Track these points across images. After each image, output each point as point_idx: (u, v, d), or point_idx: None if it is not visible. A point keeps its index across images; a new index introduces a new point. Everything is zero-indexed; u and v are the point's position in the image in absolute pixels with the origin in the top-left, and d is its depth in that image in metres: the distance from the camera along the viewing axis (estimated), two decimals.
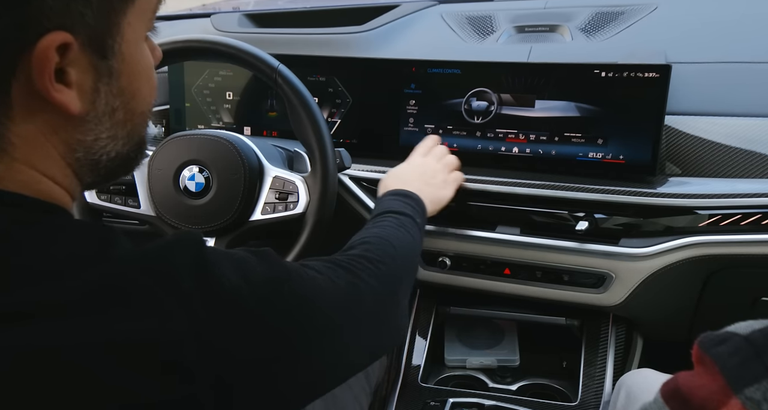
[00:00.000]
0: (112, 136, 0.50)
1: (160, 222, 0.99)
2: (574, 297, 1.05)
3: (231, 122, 1.25)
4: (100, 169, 0.51)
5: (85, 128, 0.48)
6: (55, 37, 0.43)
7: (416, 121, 1.11)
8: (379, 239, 0.77)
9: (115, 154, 0.51)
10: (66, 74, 0.45)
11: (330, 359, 0.58)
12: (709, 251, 0.95)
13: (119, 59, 0.48)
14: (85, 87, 0.47)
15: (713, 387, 0.39)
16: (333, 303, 0.60)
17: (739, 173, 0.96)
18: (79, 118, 0.47)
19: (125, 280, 0.43)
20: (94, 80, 0.47)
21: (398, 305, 0.74)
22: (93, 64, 0.46)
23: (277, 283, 0.53)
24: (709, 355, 0.40)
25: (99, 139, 0.49)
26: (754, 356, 0.38)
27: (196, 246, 0.48)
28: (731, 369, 0.39)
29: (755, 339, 0.39)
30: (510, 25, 1.26)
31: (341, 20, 1.35)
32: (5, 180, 0.45)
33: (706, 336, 0.42)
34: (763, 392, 0.37)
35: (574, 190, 1.00)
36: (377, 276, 0.69)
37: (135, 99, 0.51)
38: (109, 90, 0.48)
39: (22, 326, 0.39)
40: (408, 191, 0.92)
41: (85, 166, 0.50)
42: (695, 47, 1.12)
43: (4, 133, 0.44)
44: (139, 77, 0.51)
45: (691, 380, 0.41)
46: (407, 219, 0.86)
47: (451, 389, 1.11)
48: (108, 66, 0.47)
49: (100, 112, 0.48)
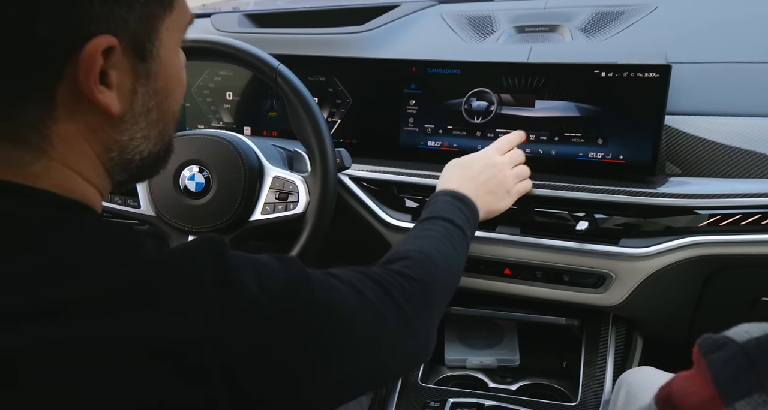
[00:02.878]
0: (146, 135, 0.52)
1: (160, 222, 0.99)
2: (574, 297, 1.05)
3: (231, 122, 1.25)
4: (132, 168, 0.53)
5: (121, 128, 0.50)
6: (102, 41, 0.44)
7: (416, 121, 1.11)
8: (421, 255, 0.74)
9: (147, 154, 0.53)
10: (108, 76, 0.47)
11: (348, 372, 0.57)
12: (709, 251, 0.95)
13: (156, 62, 0.50)
14: (125, 88, 0.48)
15: (704, 396, 0.39)
16: (353, 313, 0.58)
17: (739, 173, 0.96)
18: (117, 118, 0.49)
19: (149, 281, 0.44)
20: (133, 82, 0.49)
21: (428, 326, 0.70)
22: (133, 67, 0.48)
23: (297, 290, 0.53)
24: (705, 361, 0.40)
25: (134, 139, 0.51)
26: (748, 367, 0.38)
27: (218, 251, 0.49)
28: (724, 380, 0.38)
29: (750, 348, 0.39)
30: (510, 25, 1.26)
31: (341, 20, 1.35)
32: (41, 178, 0.46)
33: (705, 339, 0.42)
34: (753, 406, 0.37)
35: (574, 190, 1.00)
36: (410, 295, 0.66)
37: (168, 99, 0.53)
38: (146, 91, 0.50)
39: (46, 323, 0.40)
40: (466, 196, 0.88)
41: (118, 165, 0.52)
42: (695, 47, 1.12)
43: (46, 133, 0.46)
44: (173, 78, 0.53)
45: (684, 385, 0.41)
46: (457, 231, 0.82)
47: (451, 389, 1.11)
48: (146, 68, 0.49)
49: (136, 112, 0.50)
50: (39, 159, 0.46)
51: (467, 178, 0.92)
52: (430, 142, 1.11)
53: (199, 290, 0.45)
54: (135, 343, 0.41)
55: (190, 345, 0.43)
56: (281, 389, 0.50)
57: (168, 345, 0.42)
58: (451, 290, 0.79)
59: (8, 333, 0.39)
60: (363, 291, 0.61)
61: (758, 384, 0.37)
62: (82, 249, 0.44)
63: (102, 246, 0.45)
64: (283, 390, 0.50)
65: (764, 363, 0.37)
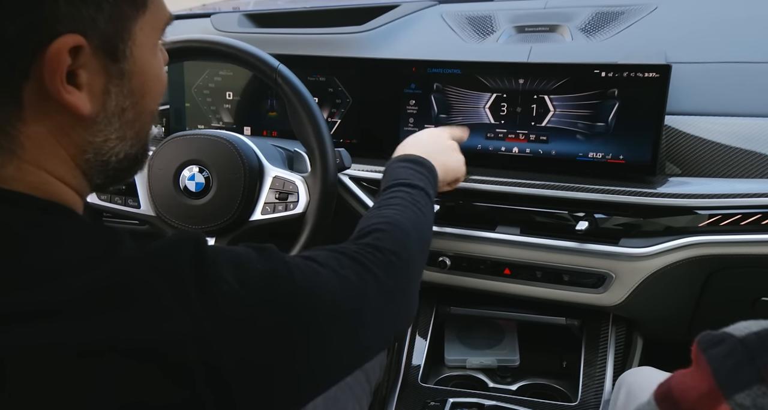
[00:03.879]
0: (121, 136, 0.51)
1: (160, 222, 0.99)
2: (574, 297, 1.05)
3: (231, 122, 1.25)
4: (109, 170, 0.52)
5: (95, 129, 0.49)
6: (68, 40, 0.44)
7: (416, 121, 1.11)
8: (391, 225, 0.74)
9: (123, 155, 0.52)
10: (77, 76, 0.46)
11: (334, 353, 0.57)
12: (709, 251, 0.95)
13: (130, 62, 0.50)
14: (96, 89, 0.48)
15: (704, 390, 0.39)
16: (336, 296, 0.58)
17: (739, 173, 0.96)
18: (89, 119, 0.48)
19: (130, 279, 0.44)
20: (105, 82, 0.48)
21: (408, 294, 0.72)
22: (104, 67, 0.48)
23: (276, 280, 0.53)
24: (705, 356, 0.40)
25: (108, 140, 0.50)
26: (748, 360, 0.38)
27: (196, 246, 0.48)
28: (724, 373, 0.38)
29: (750, 342, 0.39)
30: (510, 25, 1.26)
31: (341, 20, 1.35)
32: (15, 181, 0.46)
33: (704, 336, 0.42)
34: (753, 398, 0.37)
35: (574, 190, 1.00)
36: (387, 267, 0.67)
37: (144, 99, 0.52)
38: (120, 91, 0.50)
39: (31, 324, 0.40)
40: (420, 157, 0.88)
41: (94, 168, 0.51)
42: (695, 47, 1.12)
43: (15, 134, 0.45)
44: (151, 78, 0.52)
45: (684, 381, 0.41)
46: (419, 193, 0.82)
47: (451, 389, 1.11)
48: (119, 68, 0.49)
49: (110, 113, 0.49)
50: (10, 161, 0.46)
51: (414, 144, 0.93)
52: None
53: (180, 287, 0.45)
54: (118, 343, 0.41)
55: (172, 343, 0.43)
56: (268, 381, 0.49)
57: (150, 344, 0.42)
58: (426, 252, 0.80)
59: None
60: (341, 272, 0.61)
61: (758, 376, 0.37)
62: (62, 251, 0.44)
63: (82, 246, 0.45)
64: (271, 381, 0.50)
65: (764, 356, 0.37)
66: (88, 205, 1.01)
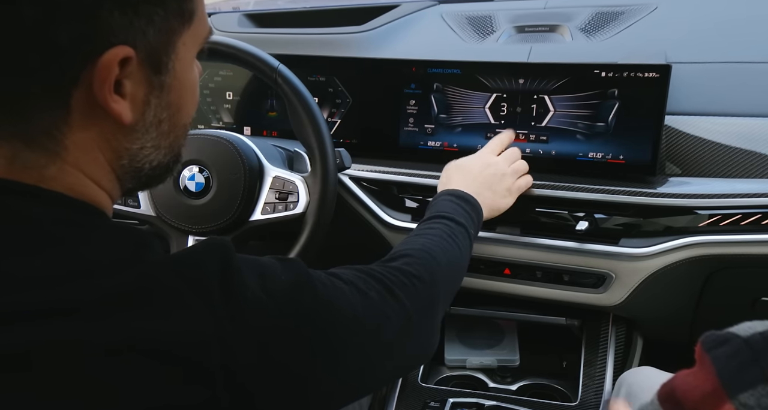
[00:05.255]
0: (156, 145, 0.53)
1: (160, 222, 0.99)
2: (574, 297, 1.05)
3: (231, 122, 1.25)
4: (142, 176, 0.54)
5: (132, 137, 0.51)
6: (119, 51, 0.45)
7: (416, 121, 1.11)
8: (423, 252, 0.74)
9: (156, 163, 0.54)
10: (122, 86, 0.47)
11: (352, 372, 0.58)
12: (709, 251, 0.95)
13: (171, 75, 0.51)
14: (138, 99, 0.49)
15: (707, 389, 0.39)
16: (357, 312, 0.58)
17: (739, 173, 0.96)
18: (129, 127, 0.50)
19: (155, 282, 0.45)
20: (146, 93, 0.50)
21: (431, 323, 0.70)
22: (147, 78, 0.49)
23: (299, 291, 0.54)
24: (709, 356, 0.40)
25: (144, 148, 0.52)
26: (752, 360, 0.38)
27: (223, 253, 0.49)
28: (728, 373, 0.38)
29: (755, 342, 0.39)
30: (510, 25, 1.26)
31: (341, 20, 1.35)
32: (55, 181, 0.47)
33: (708, 336, 0.42)
34: (758, 398, 0.37)
35: (574, 190, 1.00)
36: (412, 292, 0.66)
37: (180, 112, 0.54)
38: (159, 103, 0.51)
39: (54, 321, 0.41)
40: (468, 195, 0.88)
41: (128, 173, 0.53)
42: (695, 47, 1.12)
43: (60, 138, 0.47)
44: (186, 93, 0.54)
45: (687, 380, 0.41)
46: (459, 228, 0.82)
47: (451, 389, 1.11)
48: (160, 81, 0.50)
49: (148, 122, 0.51)
50: (53, 162, 0.47)
51: (467, 178, 0.92)
52: (430, 142, 1.11)
53: (206, 293, 0.46)
54: (142, 344, 0.42)
55: (195, 346, 0.44)
56: (286, 391, 0.50)
57: (174, 347, 0.43)
58: (455, 287, 0.79)
59: (23, 329, 0.40)
60: (365, 291, 0.61)
61: (762, 376, 0.37)
62: (93, 251, 0.45)
63: (109, 247, 0.46)
64: (288, 391, 0.50)
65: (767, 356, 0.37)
66: None
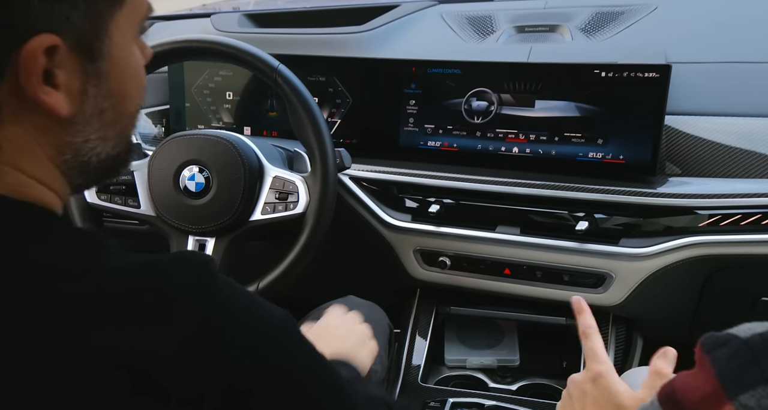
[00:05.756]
0: (102, 137, 0.50)
1: (160, 222, 0.99)
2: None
3: (231, 122, 1.25)
4: (90, 170, 0.51)
5: (73, 130, 0.48)
6: (43, 40, 0.43)
7: (416, 121, 1.11)
8: None
9: (105, 156, 0.51)
10: (54, 76, 0.45)
11: None
12: (709, 251, 0.95)
13: (108, 61, 0.48)
14: (74, 89, 0.46)
15: (707, 391, 0.39)
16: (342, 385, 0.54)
17: (739, 173, 0.96)
18: (67, 120, 0.47)
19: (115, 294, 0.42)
20: (83, 82, 0.47)
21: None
22: (81, 66, 0.46)
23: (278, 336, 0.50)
24: (709, 358, 0.40)
25: (88, 141, 0.49)
26: (752, 361, 0.38)
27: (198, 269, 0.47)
28: (728, 375, 0.38)
29: (755, 343, 0.39)
30: (510, 25, 1.26)
31: (341, 20, 1.35)
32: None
33: (708, 338, 0.42)
34: (758, 399, 0.37)
35: (574, 190, 1.00)
36: None
37: (124, 100, 0.51)
38: (98, 91, 0.48)
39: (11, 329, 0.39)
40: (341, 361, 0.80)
41: (74, 168, 0.50)
42: (695, 47, 1.12)
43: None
44: (128, 79, 0.51)
45: (687, 381, 0.41)
46: None
47: (451, 389, 1.11)
48: (96, 68, 0.47)
49: (88, 113, 0.48)
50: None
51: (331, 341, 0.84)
52: (430, 142, 1.11)
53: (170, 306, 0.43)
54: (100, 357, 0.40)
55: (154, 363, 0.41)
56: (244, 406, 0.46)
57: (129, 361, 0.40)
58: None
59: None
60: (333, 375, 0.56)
61: (762, 377, 0.37)
62: (45, 255, 0.42)
63: (67, 252, 0.44)
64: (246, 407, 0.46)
65: (767, 357, 0.37)
66: (89, 205, 1.01)
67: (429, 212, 1.07)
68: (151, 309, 0.43)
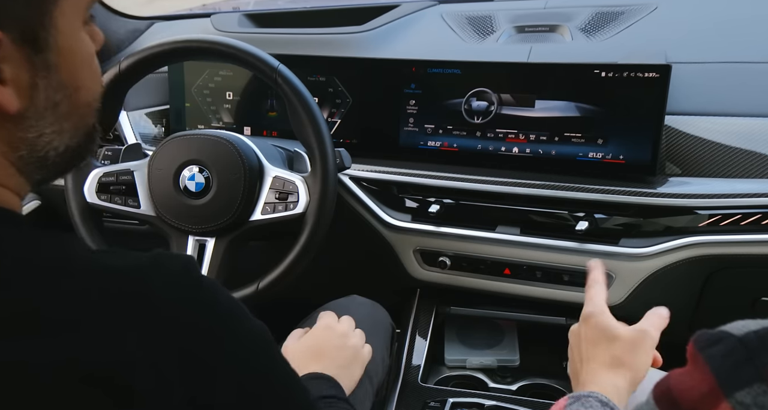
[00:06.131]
0: (58, 130, 0.48)
1: (160, 222, 0.99)
2: (575, 297, 1.05)
3: (231, 122, 1.25)
4: (49, 165, 0.49)
5: (26, 125, 0.46)
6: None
7: (416, 121, 1.11)
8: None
9: (63, 149, 0.49)
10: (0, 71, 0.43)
11: None
12: (709, 251, 0.95)
13: (55, 52, 0.46)
14: (22, 83, 0.44)
15: (704, 389, 0.39)
16: None
17: (739, 173, 0.96)
18: (18, 115, 0.45)
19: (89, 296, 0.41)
20: (31, 75, 0.45)
21: None
22: (28, 59, 0.44)
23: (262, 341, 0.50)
24: (703, 356, 0.40)
25: (43, 135, 0.47)
26: (747, 359, 0.38)
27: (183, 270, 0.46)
28: (724, 372, 0.38)
29: (749, 341, 0.39)
30: (510, 25, 1.26)
31: (341, 20, 1.35)
32: None
33: (701, 335, 0.42)
34: (754, 396, 0.37)
35: (574, 190, 1.00)
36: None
37: (78, 91, 0.49)
38: (49, 84, 0.46)
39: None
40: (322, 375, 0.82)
41: (31, 164, 0.48)
42: (695, 47, 1.12)
43: None
44: (80, 68, 0.49)
45: (683, 380, 0.41)
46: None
47: (451, 389, 1.11)
48: (44, 59, 0.45)
49: (40, 107, 0.46)
50: None
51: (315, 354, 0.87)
52: (430, 142, 1.11)
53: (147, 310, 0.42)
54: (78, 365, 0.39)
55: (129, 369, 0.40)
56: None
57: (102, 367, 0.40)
58: None
59: None
60: None
61: (758, 375, 0.37)
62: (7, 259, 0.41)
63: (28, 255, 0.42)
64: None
65: (763, 355, 0.37)
66: (88, 205, 1.01)
67: (429, 212, 1.07)
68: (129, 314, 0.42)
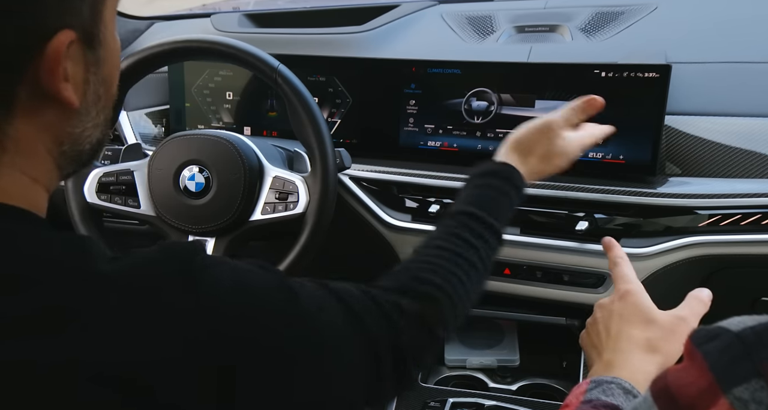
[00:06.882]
0: (96, 124, 0.50)
1: (160, 222, 0.99)
2: (574, 297, 1.05)
3: (231, 122, 1.25)
4: (83, 158, 0.51)
5: (76, 121, 0.48)
6: (64, 37, 0.43)
7: (416, 121, 1.11)
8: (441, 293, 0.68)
9: (95, 141, 0.51)
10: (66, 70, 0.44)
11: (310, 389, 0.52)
12: (709, 251, 0.95)
13: (104, 48, 0.48)
14: (78, 80, 0.46)
15: (702, 385, 0.39)
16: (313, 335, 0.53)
17: (739, 173, 0.96)
18: (74, 111, 0.47)
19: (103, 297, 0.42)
20: (84, 72, 0.47)
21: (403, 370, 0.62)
22: (84, 56, 0.46)
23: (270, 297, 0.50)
24: (700, 352, 0.40)
25: (86, 130, 0.49)
26: (744, 354, 0.38)
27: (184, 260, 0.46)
28: (721, 368, 0.38)
29: (746, 336, 0.39)
30: (510, 25, 1.26)
31: (341, 20, 1.35)
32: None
33: (698, 331, 0.42)
34: (752, 392, 0.37)
35: (574, 190, 1.00)
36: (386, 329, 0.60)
37: (113, 85, 0.51)
38: (96, 79, 0.48)
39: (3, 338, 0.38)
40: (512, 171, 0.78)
41: (69, 158, 0.49)
42: (695, 47, 1.12)
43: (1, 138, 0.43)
44: (115, 62, 0.51)
45: (680, 377, 0.41)
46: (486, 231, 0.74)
47: (451, 389, 1.11)
48: (95, 56, 0.47)
49: (89, 102, 0.48)
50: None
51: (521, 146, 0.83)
52: (430, 142, 1.11)
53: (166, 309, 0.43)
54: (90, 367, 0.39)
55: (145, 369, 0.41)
56: None
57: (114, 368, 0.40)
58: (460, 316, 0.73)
59: None
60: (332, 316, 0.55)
61: (755, 371, 0.37)
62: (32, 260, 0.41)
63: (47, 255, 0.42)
64: None
65: (760, 351, 0.37)
66: (88, 205, 1.01)
67: (429, 212, 1.07)
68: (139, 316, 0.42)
